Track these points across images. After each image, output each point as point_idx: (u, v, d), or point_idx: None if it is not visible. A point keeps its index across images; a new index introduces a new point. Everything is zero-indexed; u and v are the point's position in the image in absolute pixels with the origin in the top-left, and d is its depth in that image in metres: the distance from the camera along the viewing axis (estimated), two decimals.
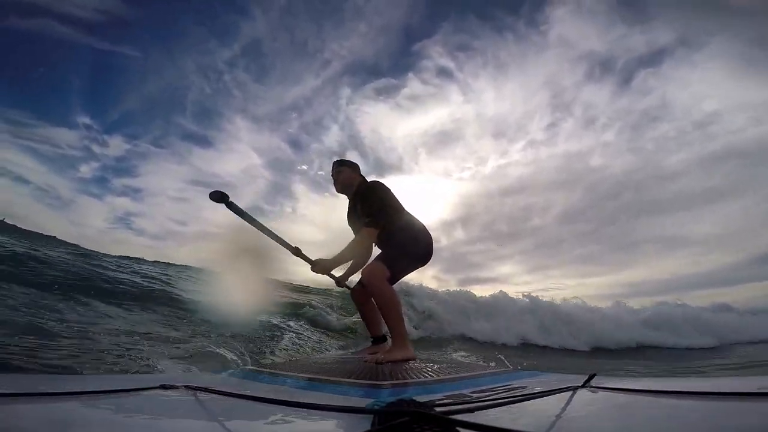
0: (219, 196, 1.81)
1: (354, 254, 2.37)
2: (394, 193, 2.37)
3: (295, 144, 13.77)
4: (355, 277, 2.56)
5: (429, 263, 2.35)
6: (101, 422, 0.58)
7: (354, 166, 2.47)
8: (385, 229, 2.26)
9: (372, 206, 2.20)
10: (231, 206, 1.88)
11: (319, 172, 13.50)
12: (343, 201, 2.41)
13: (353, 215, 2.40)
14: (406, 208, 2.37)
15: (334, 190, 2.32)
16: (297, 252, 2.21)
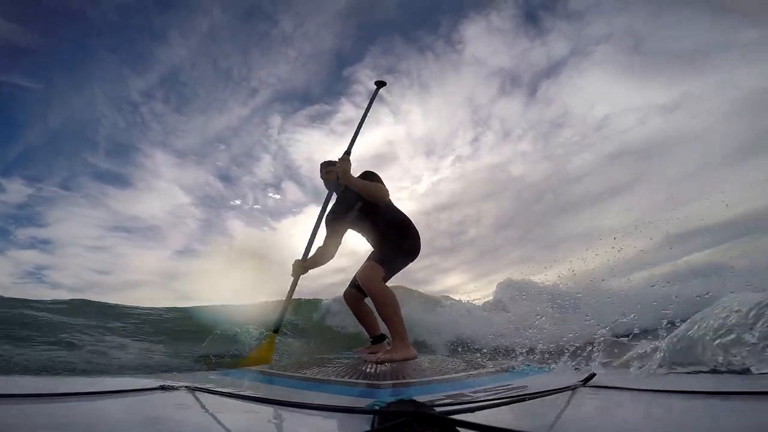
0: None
1: (371, 191, 2.24)
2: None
3: (225, 178, 13.30)
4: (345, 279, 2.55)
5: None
6: (101, 423, 0.58)
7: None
8: (379, 222, 2.27)
9: (379, 179, 2.29)
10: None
11: (255, 206, 13.10)
12: (278, 233, 2.46)
13: (341, 207, 2.39)
14: (394, 203, 2.38)
15: (272, 222, 2.37)
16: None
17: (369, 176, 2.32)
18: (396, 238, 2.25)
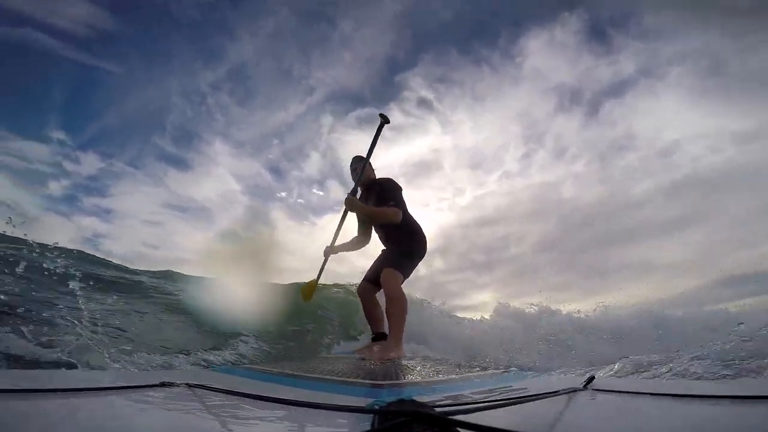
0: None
1: (380, 218, 2.54)
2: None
3: (275, 171, 13.58)
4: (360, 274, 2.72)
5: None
6: (101, 419, 0.58)
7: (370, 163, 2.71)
8: (393, 229, 2.45)
9: (396, 194, 2.46)
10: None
11: (299, 200, 13.32)
12: (318, 229, 2.63)
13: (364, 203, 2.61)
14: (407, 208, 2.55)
15: (313, 218, 2.59)
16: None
17: (393, 183, 2.49)
18: (408, 245, 2.50)
